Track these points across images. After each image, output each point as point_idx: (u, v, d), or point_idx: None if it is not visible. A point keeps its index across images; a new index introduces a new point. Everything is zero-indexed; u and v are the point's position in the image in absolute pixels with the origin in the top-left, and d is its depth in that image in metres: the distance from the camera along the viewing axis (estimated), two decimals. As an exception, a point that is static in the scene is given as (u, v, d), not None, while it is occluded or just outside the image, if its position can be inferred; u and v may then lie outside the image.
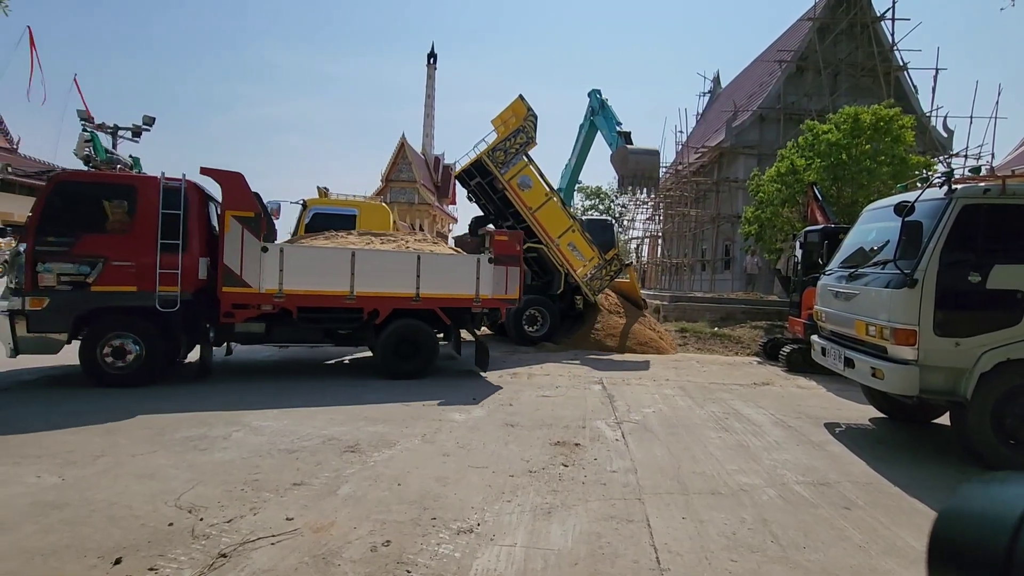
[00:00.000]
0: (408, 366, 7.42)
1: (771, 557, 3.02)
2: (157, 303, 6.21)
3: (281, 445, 4.45)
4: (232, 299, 6.64)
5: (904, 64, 21.97)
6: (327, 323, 7.25)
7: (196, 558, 2.69)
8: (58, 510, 3.13)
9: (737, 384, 8.08)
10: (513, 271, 7.90)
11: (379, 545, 2.91)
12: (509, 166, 10.48)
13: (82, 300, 6.02)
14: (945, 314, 4.39)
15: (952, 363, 4.42)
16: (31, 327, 5.91)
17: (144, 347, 6.27)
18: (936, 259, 4.41)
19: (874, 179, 11.71)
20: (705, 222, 25.44)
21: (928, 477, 4.44)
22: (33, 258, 5.88)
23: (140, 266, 6.19)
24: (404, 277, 7.30)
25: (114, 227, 6.17)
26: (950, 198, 4.51)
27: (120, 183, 6.41)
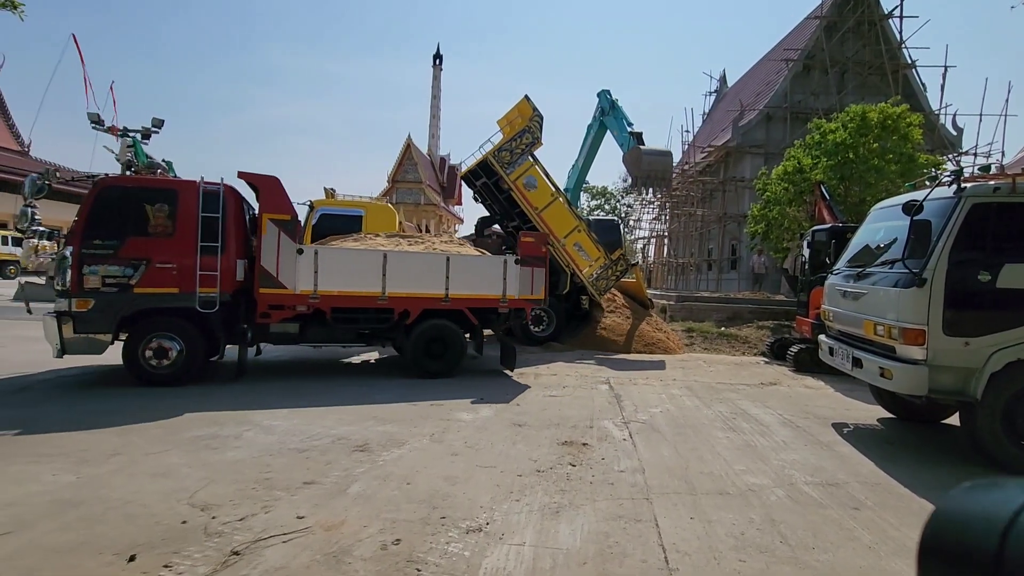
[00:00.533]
0: (437, 365, 7.56)
1: (780, 558, 3.03)
2: (197, 304, 6.36)
3: (292, 444, 4.50)
4: (269, 300, 6.80)
5: (912, 62, 21.80)
6: (360, 323, 7.40)
7: (210, 555, 2.73)
8: (74, 508, 3.18)
9: (744, 384, 8.06)
10: (539, 272, 8.03)
11: (389, 544, 2.94)
12: (515, 166, 10.51)
13: (126, 301, 6.17)
14: (954, 313, 4.38)
15: (962, 363, 4.40)
16: (77, 328, 6.04)
17: (184, 347, 6.41)
18: (945, 258, 4.39)
19: (882, 178, 11.64)
20: (711, 222, 25.35)
21: (937, 478, 4.42)
22: (79, 261, 6.02)
23: (181, 268, 6.34)
24: (434, 278, 7.44)
25: (156, 230, 6.33)
26: (959, 197, 4.49)
27: (161, 187, 6.58)
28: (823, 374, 8.41)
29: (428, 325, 7.49)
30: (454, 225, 50.93)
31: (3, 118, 40.44)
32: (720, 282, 24.64)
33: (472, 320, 7.73)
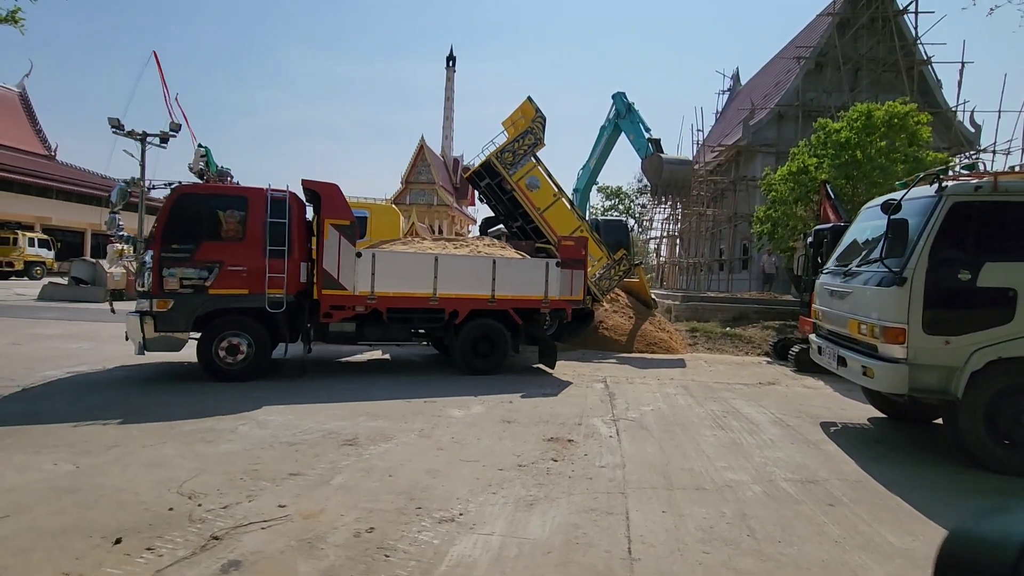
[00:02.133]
0: (484, 363, 7.88)
1: (744, 550, 3.08)
2: (266, 304, 6.70)
3: (283, 438, 4.65)
4: (330, 301, 7.14)
5: (928, 58, 21.45)
6: (413, 323, 7.77)
7: (191, 540, 2.87)
8: (70, 494, 3.36)
9: (742, 383, 8.06)
10: (578, 274, 8.34)
11: (363, 531, 3.06)
12: (518, 167, 10.60)
13: (201, 302, 6.55)
14: (935, 312, 4.38)
15: (943, 361, 4.39)
16: (157, 327, 6.42)
17: (254, 344, 6.75)
18: (925, 257, 4.39)
19: (889, 177, 11.50)
20: (722, 221, 25.21)
21: (921, 476, 4.42)
22: (159, 264, 6.37)
23: (251, 271, 6.71)
24: (481, 280, 7.79)
25: (228, 235, 6.69)
26: (940, 195, 4.49)
27: (233, 194, 6.96)
28: (824, 374, 8.34)
29: (475, 324, 7.82)
30: (467, 226, 51.17)
31: (31, 123, 41.68)
32: (731, 282, 24.46)
33: (516, 320, 8.03)
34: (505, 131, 11.51)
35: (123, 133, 24.96)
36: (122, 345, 9.06)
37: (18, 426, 4.65)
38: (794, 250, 13.73)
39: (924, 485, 4.22)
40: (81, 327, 11.02)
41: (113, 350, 8.57)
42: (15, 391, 5.82)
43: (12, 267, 28.03)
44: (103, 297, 17.26)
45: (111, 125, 24.68)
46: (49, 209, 34.53)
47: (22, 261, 28.35)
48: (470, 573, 2.71)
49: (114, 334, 10.30)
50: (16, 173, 32.78)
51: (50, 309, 14.16)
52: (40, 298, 16.76)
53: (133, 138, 25.27)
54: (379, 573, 2.65)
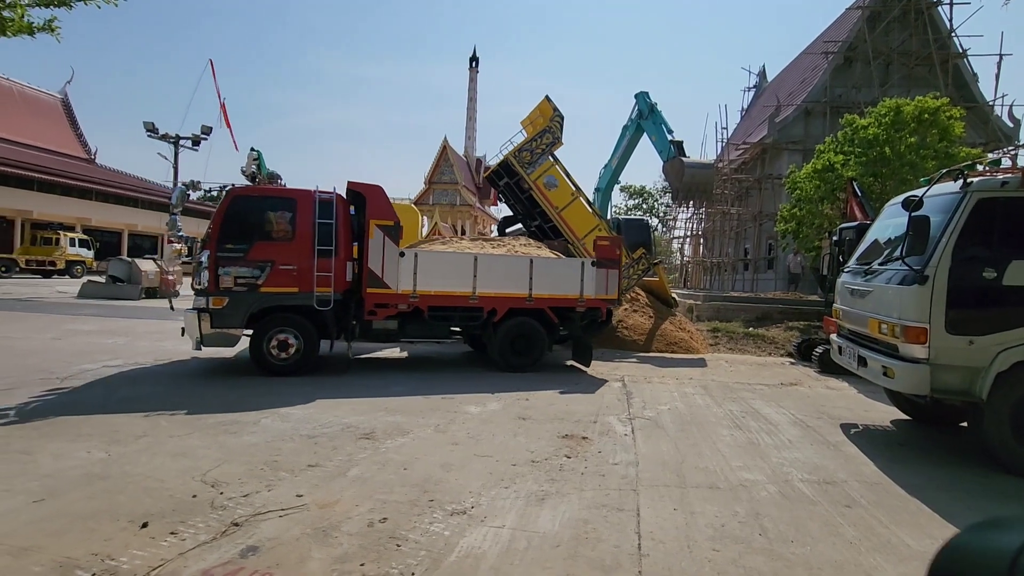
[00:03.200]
0: (521, 360, 8.02)
1: (754, 548, 3.07)
2: (315, 302, 6.95)
3: (303, 431, 4.78)
4: (375, 299, 7.37)
5: (964, 51, 20.75)
6: (453, 321, 7.96)
7: (212, 525, 2.99)
8: (101, 480, 3.53)
9: (763, 384, 7.95)
10: (612, 273, 8.45)
11: (376, 521, 3.14)
12: (535, 166, 10.63)
13: (254, 300, 6.82)
14: (958, 311, 4.26)
15: (966, 362, 4.28)
16: (213, 323, 6.70)
17: (302, 341, 6.99)
18: (949, 255, 4.28)
19: (919, 174, 11.16)
20: (747, 220, 24.78)
21: (943, 480, 4.32)
22: (215, 263, 6.63)
23: (300, 270, 6.96)
24: (519, 279, 7.95)
25: (278, 235, 6.96)
26: (965, 191, 4.37)
27: (283, 196, 7.23)
28: (848, 376, 8.14)
29: (513, 323, 7.98)
30: (489, 226, 51.35)
31: (72, 128, 43.38)
32: (756, 282, 24.04)
33: (552, 318, 8.15)
34: (523, 130, 11.54)
35: (157, 136, 25.84)
36: (154, 341, 9.42)
37: (55, 416, 4.88)
38: (820, 249, 13.44)
39: (947, 488, 4.12)
40: (117, 323, 11.44)
41: (146, 345, 8.90)
42: (54, 383, 6.10)
43: (54, 266, 29.23)
44: (138, 295, 17.89)
45: (146, 129, 25.57)
46: (89, 210, 35.85)
47: (64, 260, 29.54)
48: (479, 564, 2.76)
49: (147, 330, 10.70)
50: (59, 176, 34.13)
51: (88, 306, 14.72)
52: (79, 295, 17.44)
53: (167, 141, 26.16)
54: (390, 561, 2.72)
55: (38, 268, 28.94)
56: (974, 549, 0.79)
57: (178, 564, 2.61)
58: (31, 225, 31.67)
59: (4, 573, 2.47)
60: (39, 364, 7.03)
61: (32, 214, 31.85)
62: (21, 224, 31.86)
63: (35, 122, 39.12)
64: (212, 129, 26.65)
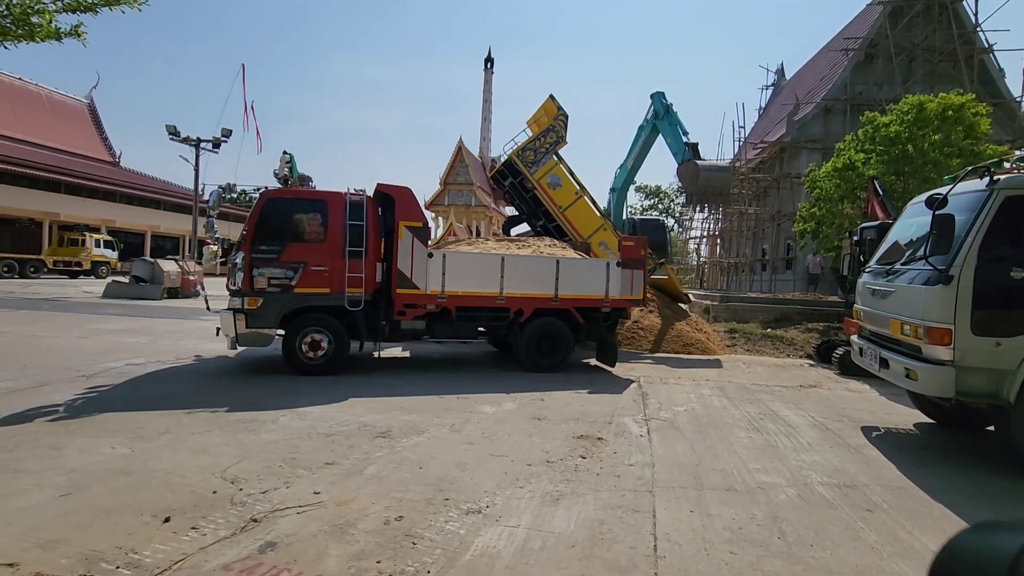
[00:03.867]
0: (547, 360, 8.06)
1: (773, 552, 3.03)
2: (346, 303, 7.06)
3: (320, 429, 4.83)
4: (404, 299, 7.46)
5: (989, 45, 20.24)
6: (480, 321, 8.04)
7: (231, 521, 3.04)
8: (125, 476, 3.60)
9: (781, 386, 7.84)
10: (638, 274, 8.50)
11: (392, 519, 3.16)
12: (539, 165, 10.60)
13: (287, 300, 6.93)
14: (984, 312, 4.16)
15: (993, 364, 4.17)
16: (248, 323, 6.82)
17: (333, 341, 7.10)
18: (974, 254, 4.18)
19: (943, 172, 10.92)
20: (765, 220, 24.47)
21: (968, 485, 4.22)
22: (250, 264, 6.80)
23: (332, 271, 7.07)
24: (545, 280, 8.01)
25: (310, 237, 7.08)
26: (991, 189, 4.26)
27: (315, 198, 7.34)
28: (870, 378, 8.01)
29: (539, 323, 8.02)
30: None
31: (97, 132, 44.44)
32: (774, 283, 23.72)
33: (578, 319, 8.18)
34: (528, 130, 11.52)
35: (179, 139, 26.34)
36: (176, 340, 9.61)
37: (81, 412, 4.99)
38: (840, 249, 13.21)
39: (972, 494, 4.02)
40: (140, 323, 11.69)
41: (168, 344, 9.07)
42: (80, 380, 6.25)
43: (80, 266, 29.97)
44: (160, 295, 18.25)
45: (168, 132, 26.07)
46: (113, 212, 36.69)
47: (89, 261, 30.27)
48: (494, 563, 2.77)
49: (169, 329, 10.91)
50: (85, 179, 35.00)
51: (112, 305, 15.06)
52: (104, 295, 17.85)
53: (188, 144, 26.65)
54: (406, 559, 2.74)
55: (65, 268, 29.70)
56: (974, 550, 0.79)
57: (199, 559, 2.66)
58: (58, 227, 32.48)
59: (33, 564, 2.53)
60: (66, 362, 7.21)
61: (59, 216, 32.67)
62: (49, 226, 32.70)
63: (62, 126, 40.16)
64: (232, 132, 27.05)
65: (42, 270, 28.88)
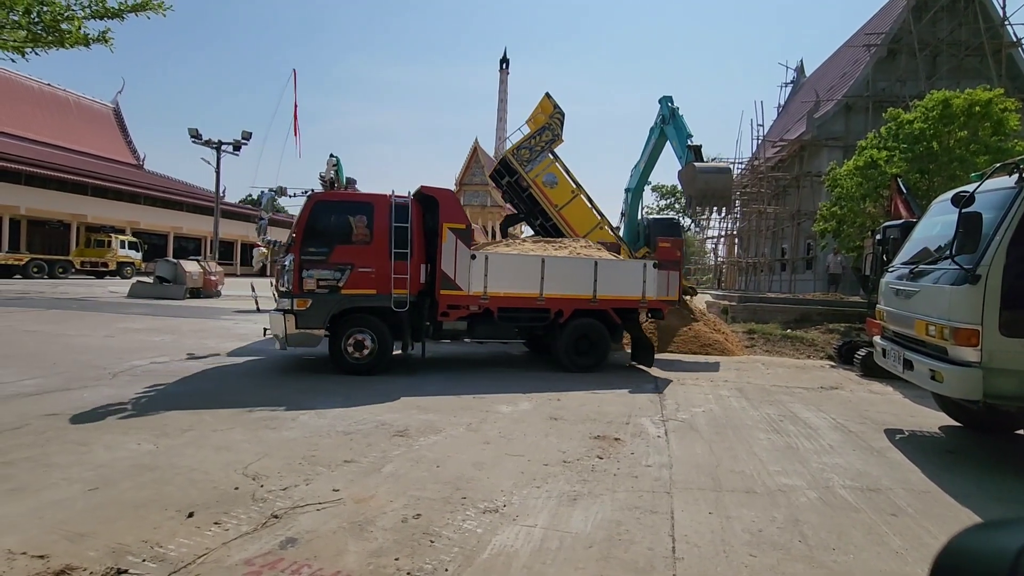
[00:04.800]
0: (585, 360, 8.14)
1: (794, 555, 2.98)
2: (392, 304, 7.17)
3: (339, 428, 4.88)
4: (448, 300, 7.58)
5: (1018, 39, 19.71)
6: (520, 322, 8.11)
7: (253, 517, 3.09)
8: (150, 471, 3.68)
9: (802, 387, 7.73)
10: (673, 275, 8.63)
11: (410, 517, 3.18)
12: (535, 164, 10.55)
13: (335, 301, 7.06)
14: (1013, 312, 4.05)
15: (1022, 366, 4.06)
16: (298, 324, 6.95)
17: (378, 341, 7.23)
18: (1003, 253, 4.08)
19: (969, 170, 10.65)
20: (784, 219, 24.11)
21: (996, 490, 4.11)
22: (299, 266, 6.93)
23: (378, 272, 7.19)
24: (584, 281, 8.09)
25: (357, 239, 7.21)
26: (1020, 187, 4.15)
27: (361, 201, 7.50)
28: (893, 380, 7.86)
29: (578, 323, 8.09)
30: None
31: (123, 136, 45.53)
32: (794, 283, 23.36)
33: (615, 319, 8.27)
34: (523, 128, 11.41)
35: (201, 142, 26.84)
36: (199, 339, 9.79)
37: (108, 409, 5.12)
38: (862, 249, 12.96)
39: (1001, 498, 3.93)
40: (164, 322, 11.94)
41: (191, 343, 9.25)
42: (106, 379, 6.40)
43: (106, 267, 30.72)
44: (183, 295, 18.62)
45: (190, 135, 26.59)
46: (138, 214, 37.54)
47: (115, 262, 31.01)
48: (511, 562, 2.77)
49: (192, 329, 11.13)
50: (110, 182, 35.87)
51: (137, 305, 15.40)
52: (129, 295, 18.27)
53: (210, 147, 27.15)
54: (424, 557, 2.76)
55: (92, 269, 30.45)
56: (975, 549, 0.79)
57: (221, 553, 2.70)
58: (85, 228, 33.33)
59: (62, 556, 2.60)
60: (93, 360, 7.39)
61: (86, 218, 33.53)
62: (76, 227, 33.56)
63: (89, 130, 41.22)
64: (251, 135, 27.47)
65: (70, 271, 29.64)
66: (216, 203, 28.44)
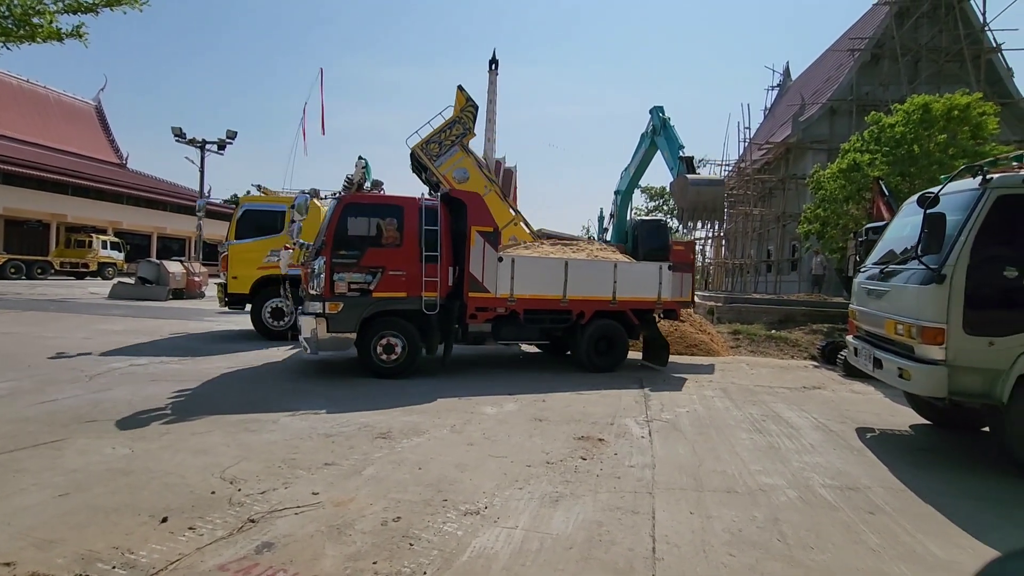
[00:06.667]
0: (605, 361, 8.30)
1: (772, 554, 3.00)
2: (423, 307, 7.19)
3: (321, 430, 4.83)
4: (476, 303, 7.64)
5: (997, 45, 20.10)
6: (544, 323, 8.19)
7: (229, 521, 3.04)
8: (124, 476, 3.61)
9: (784, 387, 7.80)
10: (687, 277, 8.83)
11: (390, 520, 3.15)
12: (445, 158, 10.45)
13: (366, 304, 7.02)
14: (977, 312, 4.14)
15: (986, 364, 4.14)
16: (329, 328, 6.87)
17: (407, 344, 7.21)
18: (967, 253, 4.16)
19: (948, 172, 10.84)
20: (770, 221, 24.37)
21: (970, 487, 4.17)
22: (330, 269, 6.85)
23: (409, 275, 7.17)
24: (604, 283, 8.28)
25: (388, 242, 7.16)
26: (984, 188, 4.24)
27: (391, 203, 7.44)
28: (874, 380, 7.94)
29: (598, 325, 8.24)
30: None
31: (105, 134, 44.79)
32: (779, 284, 23.61)
33: (633, 320, 8.45)
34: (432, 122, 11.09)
35: (185, 141, 26.51)
36: (181, 341, 9.62)
37: (83, 412, 5.01)
38: (845, 250, 13.14)
39: (973, 496, 3.98)
40: (144, 323, 11.75)
41: (172, 345, 9.10)
42: (83, 381, 6.28)
43: (87, 268, 30.19)
44: (165, 296, 18.35)
45: (174, 134, 26.24)
46: (120, 214, 36.95)
47: (96, 262, 30.49)
48: (491, 564, 2.75)
49: (174, 330, 10.96)
50: (92, 180, 35.27)
51: (118, 307, 15.15)
52: (110, 296, 17.96)
53: (194, 146, 26.82)
54: (402, 560, 2.73)
55: (72, 270, 29.91)
56: None
57: (195, 559, 2.65)
58: (65, 228, 32.73)
59: (29, 564, 2.54)
60: (70, 362, 7.25)
61: (66, 217, 32.93)
62: (56, 227, 32.95)
63: (70, 128, 40.48)
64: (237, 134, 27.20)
65: (49, 271, 29.10)
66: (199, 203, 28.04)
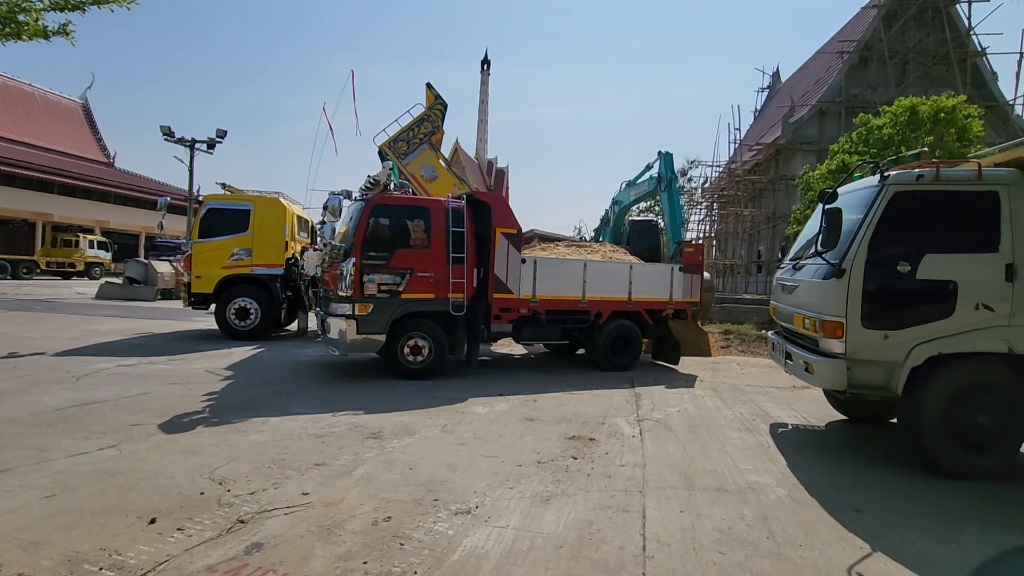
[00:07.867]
0: (621, 360, 8.50)
1: (761, 552, 3.02)
2: (451, 308, 7.23)
3: (311, 430, 4.81)
4: (501, 304, 7.73)
5: (983, 49, 20.38)
6: (564, 324, 8.33)
7: (218, 522, 3.02)
8: (112, 477, 3.57)
9: (775, 387, 7.86)
10: (696, 278, 9.03)
11: (380, 520, 3.14)
12: (413, 156, 10.36)
13: (395, 306, 7.04)
14: (873, 306, 4.20)
15: (883, 357, 4.21)
16: (359, 329, 6.85)
17: (433, 345, 7.23)
18: (864, 248, 4.21)
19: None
20: (760, 222, 24.54)
21: (956, 485, 4.21)
22: (360, 270, 6.84)
23: (437, 276, 7.22)
24: (620, 284, 8.48)
25: (415, 243, 7.16)
26: (882, 185, 4.31)
27: (417, 205, 7.48)
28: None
29: (615, 325, 8.43)
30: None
31: (92, 132, 44.27)
32: (769, 284, 23.76)
33: (647, 320, 8.68)
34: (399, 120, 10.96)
35: (173, 140, 26.26)
36: (168, 341, 9.54)
37: (70, 413, 4.96)
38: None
39: (958, 492, 4.03)
40: (132, 323, 11.62)
41: (160, 346, 9.02)
42: (69, 381, 6.20)
43: (74, 267, 29.84)
44: (153, 296, 18.18)
45: (163, 133, 26.00)
46: (108, 213, 36.55)
47: (83, 262, 30.14)
48: (481, 564, 2.75)
49: (162, 331, 10.85)
50: (79, 180, 34.85)
51: (105, 307, 14.98)
52: (97, 296, 17.77)
53: (183, 145, 26.57)
54: (393, 560, 2.73)
55: (58, 270, 29.55)
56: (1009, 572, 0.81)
57: (183, 560, 2.63)
58: (52, 228, 32.33)
59: (14, 566, 2.50)
60: (56, 363, 7.16)
61: (53, 217, 32.53)
62: (42, 227, 32.54)
63: (56, 127, 39.97)
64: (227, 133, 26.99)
65: (35, 271, 28.74)
66: (189, 203, 27.83)
